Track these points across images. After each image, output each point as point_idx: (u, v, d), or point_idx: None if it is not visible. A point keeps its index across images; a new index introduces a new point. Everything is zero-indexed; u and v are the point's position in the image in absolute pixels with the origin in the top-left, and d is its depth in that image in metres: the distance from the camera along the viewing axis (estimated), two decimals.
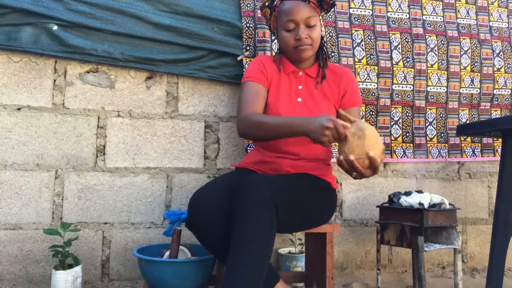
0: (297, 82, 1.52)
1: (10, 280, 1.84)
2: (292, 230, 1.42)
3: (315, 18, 1.43)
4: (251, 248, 1.11)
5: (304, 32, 1.42)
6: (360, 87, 2.16)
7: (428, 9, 2.36)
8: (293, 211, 1.27)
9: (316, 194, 1.41)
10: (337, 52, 2.14)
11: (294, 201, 1.28)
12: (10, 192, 1.87)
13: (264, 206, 1.14)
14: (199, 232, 1.26)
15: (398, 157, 2.23)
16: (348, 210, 2.22)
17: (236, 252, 1.11)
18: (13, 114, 1.89)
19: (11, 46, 1.85)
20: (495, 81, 2.40)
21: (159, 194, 2.00)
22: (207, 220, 1.21)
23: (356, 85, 1.55)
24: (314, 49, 1.48)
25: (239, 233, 1.13)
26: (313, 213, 1.39)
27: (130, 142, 1.99)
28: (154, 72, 2.02)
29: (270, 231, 1.15)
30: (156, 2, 1.99)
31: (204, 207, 1.22)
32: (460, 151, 2.32)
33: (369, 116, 2.19)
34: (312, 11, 1.42)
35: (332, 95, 1.51)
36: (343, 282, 2.06)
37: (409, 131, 2.25)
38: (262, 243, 1.13)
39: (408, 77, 2.26)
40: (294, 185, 1.33)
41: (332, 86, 1.52)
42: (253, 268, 1.10)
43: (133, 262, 1.95)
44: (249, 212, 1.13)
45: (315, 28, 1.43)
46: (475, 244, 2.39)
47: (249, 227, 1.12)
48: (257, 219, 1.13)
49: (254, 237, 1.11)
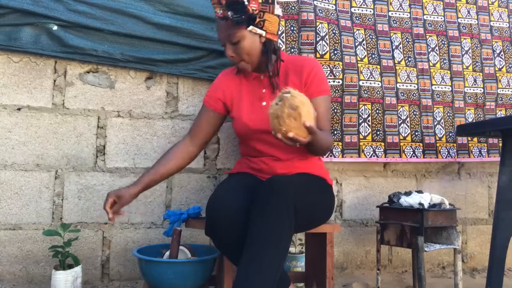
0: (261, 86, 1.50)
1: (10, 280, 1.84)
2: (303, 230, 1.42)
3: (237, 35, 1.36)
4: (268, 249, 1.11)
5: (230, 50, 1.40)
6: (365, 85, 2.16)
7: (429, 8, 2.36)
8: (307, 212, 1.27)
9: (320, 193, 1.42)
10: (340, 50, 2.13)
11: (308, 202, 1.28)
12: (10, 192, 1.87)
13: (285, 208, 1.14)
14: (218, 232, 1.25)
15: (407, 157, 2.20)
16: (348, 210, 2.22)
17: (252, 252, 1.11)
18: (13, 114, 1.89)
19: (11, 46, 1.84)
20: (498, 80, 2.40)
21: (159, 194, 2.00)
22: (228, 221, 1.21)
23: (319, 73, 1.46)
24: (251, 62, 1.43)
25: (257, 233, 1.13)
26: (319, 213, 1.40)
27: (130, 142, 1.99)
28: (154, 72, 2.02)
29: (288, 233, 1.16)
30: (156, 2, 1.99)
31: (223, 209, 1.22)
32: (468, 151, 2.31)
33: (375, 115, 2.18)
34: (232, 29, 1.35)
35: (296, 89, 1.47)
36: (343, 282, 2.06)
37: (417, 130, 2.23)
38: (279, 244, 1.13)
39: (411, 76, 2.26)
40: (308, 185, 1.34)
41: (294, 80, 1.47)
42: (267, 268, 1.10)
43: (133, 262, 1.95)
44: (271, 214, 1.14)
45: (239, 44, 1.37)
46: (475, 244, 2.39)
47: (267, 229, 1.12)
48: (277, 221, 1.13)
49: (272, 239, 1.12)
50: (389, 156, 2.18)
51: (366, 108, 2.16)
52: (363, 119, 2.16)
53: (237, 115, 1.51)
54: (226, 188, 1.34)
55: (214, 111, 1.56)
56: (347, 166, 2.22)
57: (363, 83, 2.16)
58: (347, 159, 2.13)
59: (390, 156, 2.18)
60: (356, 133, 2.14)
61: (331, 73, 2.11)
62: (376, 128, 2.17)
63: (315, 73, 1.45)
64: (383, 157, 2.17)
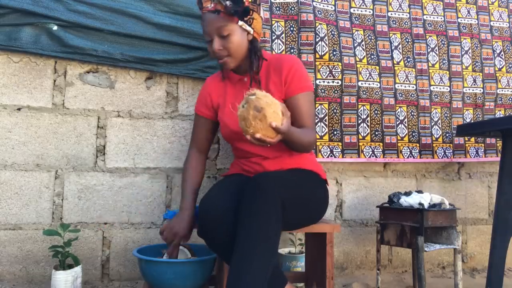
0: (244, 88, 1.50)
1: (10, 280, 1.84)
2: (295, 227, 1.42)
3: (228, 28, 1.36)
4: (256, 247, 1.11)
5: (218, 43, 1.39)
6: (364, 86, 2.16)
7: (429, 8, 2.36)
8: (298, 207, 1.27)
9: (312, 187, 1.42)
10: (338, 51, 2.14)
11: (298, 197, 1.29)
12: (10, 192, 1.87)
13: (271, 204, 1.15)
14: (208, 233, 1.27)
15: (404, 157, 2.22)
16: (348, 210, 2.22)
17: (241, 251, 1.12)
18: (13, 114, 1.89)
19: (11, 46, 1.85)
20: (498, 80, 2.40)
21: (159, 194, 2.00)
22: (217, 220, 1.23)
23: (299, 69, 1.46)
24: (236, 58, 1.42)
25: (245, 232, 1.13)
26: (312, 206, 1.40)
27: (130, 142, 1.99)
28: (154, 72, 2.02)
29: (275, 228, 1.16)
30: (156, 2, 1.99)
31: (213, 208, 1.24)
32: (464, 151, 2.32)
33: (374, 115, 2.18)
34: (223, 21, 1.36)
35: (277, 88, 1.46)
36: (343, 282, 2.06)
37: (415, 130, 2.24)
38: (268, 242, 1.14)
39: (410, 76, 2.26)
40: (297, 180, 1.34)
41: (275, 79, 1.47)
42: (257, 267, 1.10)
43: (133, 262, 1.95)
44: (257, 212, 1.14)
45: (229, 37, 1.37)
46: (475, 244, 2.39)
47: (254, 227, 1.13)
48: (263, 218, 1.14)
49: (259, 236, 1.12)
50: (387, 157, 2.19)
51: (365, 109, 2.17)
52: (362, 120, 2.16)
53: (221, 119, 1.54)
54: (217, 188, 1.35)
55: (206, 118, 1.60)
56: (347, 166, 2.22)
57: (362, 84, 2.16)
58: (347, 159, 2.13)
59: (388, 156, 2.19)
60: (356, 133, 2.14)
61: (330, 73, 2.11)
62: (375, 128, 2.18)
63: (295, 70, 1.45)
64: (381, 157, 2.18)
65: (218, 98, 1.57)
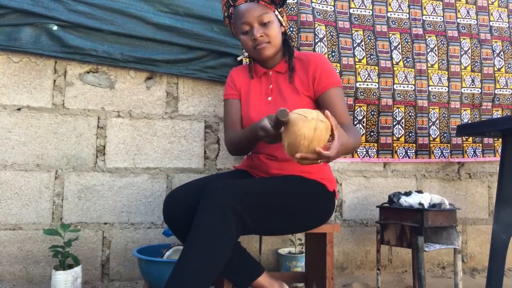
0: (268, 82, 1.52)
1: (10, 280, 1.84)
2: (270, 233, 1.41)
3: (268, 15, 1.40)
4: (198, 251, 1.11)
5: (259, 31, 1.40)
6: (362, 87, 2.17)
7: (428, 9, 2.36)
8: (265, 215, 1.24)
9: (300, 197, 1.35)
10: (337, 52, 2.14)
11: (265, 205, 1.25)
12: (10, 192, 1.87)
13: (220, 212, 1.13)
14: (172, 229, 1.32)
15: (399, 157, 2.23)
16: (348, 210, 2.22)
17: (184, 254, 1.11)
18: (13, 114, 1.89)
19: (11, 47, 1.85)
20: (496, 81, 2.40)
21: (159, 194, 2.00)
22: (175, 221, 1.28)
23: (326, 66, 1.46)
24: (275, 46, 1.44)
25: (191, 235, 1.13)
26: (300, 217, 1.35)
27: (130, 143, 1.99)
28: (154, 72, 2.02)
29: (223, 236, 1.14)
30: (156, 3, 1.99)
31: (172, 209, 1.28)
32: (462, 151, 2.32)
33: (370, 116, 2.19)
34: (263, 9, 1.40)
35: (303, 86, 1.46)
36: (343, 282, 2.06)
37: (412, 131, 2.25)
38: (211, 246, 1.12)
39: (409, 77, 2.26)
40: (268, 188, 1.30)
41: (302, 76, 1.47)
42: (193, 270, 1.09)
43: (133, 262, 1.95)
44: (204, 218, 1.14)
45: (270, 24, 1.40)
46: (475, 244, 2.39)
47: (200, 232, 1.12)
48: (210, 224, 1.13)
49: (202, 241, 1.12)
50: (381, 157, 2.20)
51: (362, 110, 2.17)
52: (358, 121, 2.17)
53: (245, 112, 1.52)
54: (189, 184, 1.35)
55: (236, 100, 1.57)
56: (347, 166, 2.22)
57: (360, 85, 2.16)
58: (341, 159, 2.16)
59: (382, 157, 2.21)
60: None
61: None
62: (370, 129, 2.19)
63: (323, 67, 1.45)
64: (375, 157, 2.19)
65: (243, 88, 1.56)
